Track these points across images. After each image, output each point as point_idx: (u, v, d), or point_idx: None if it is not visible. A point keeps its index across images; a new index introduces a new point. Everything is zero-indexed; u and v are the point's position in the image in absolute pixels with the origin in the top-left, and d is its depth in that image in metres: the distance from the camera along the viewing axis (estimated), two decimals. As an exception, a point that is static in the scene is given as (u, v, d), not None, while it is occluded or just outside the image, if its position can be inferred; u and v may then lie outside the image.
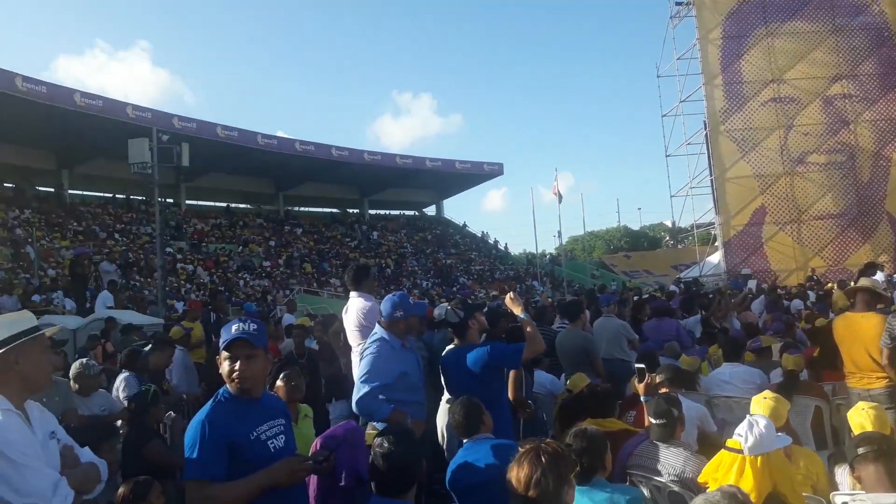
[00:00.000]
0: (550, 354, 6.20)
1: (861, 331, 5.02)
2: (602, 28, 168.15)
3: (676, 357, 6.18)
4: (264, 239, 33.69)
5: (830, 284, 14.90)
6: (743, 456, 2.71)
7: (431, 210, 48.63)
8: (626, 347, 7.03)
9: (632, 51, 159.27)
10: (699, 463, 3.26)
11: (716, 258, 24.05)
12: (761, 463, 2.69)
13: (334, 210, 42.36)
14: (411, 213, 47.35)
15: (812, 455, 3.70)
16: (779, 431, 2.88)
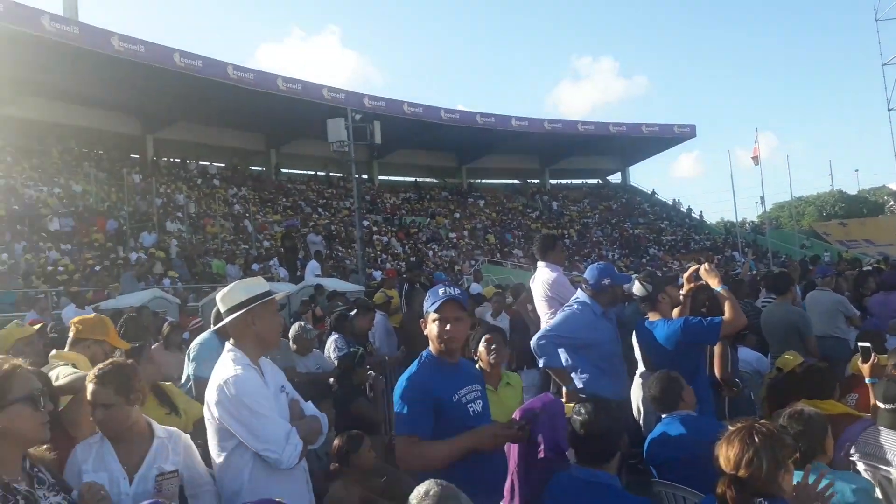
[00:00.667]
0: (755, 331, 5.75)
1: None
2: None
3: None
4: (449, 211, 34.88)
5: None
6: None
7: (616, 178, 46.84)
8: (844, 325, 6.39)
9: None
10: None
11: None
12: None
13: (515, 181, 42.53)
14: (594, 182, 46.02)
15: None
16: None
